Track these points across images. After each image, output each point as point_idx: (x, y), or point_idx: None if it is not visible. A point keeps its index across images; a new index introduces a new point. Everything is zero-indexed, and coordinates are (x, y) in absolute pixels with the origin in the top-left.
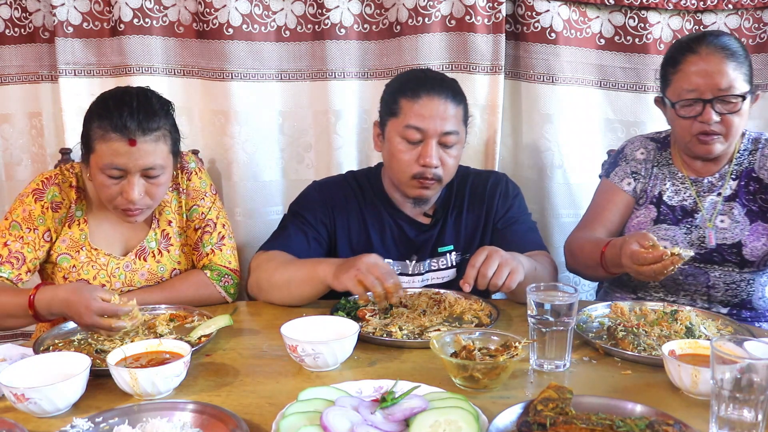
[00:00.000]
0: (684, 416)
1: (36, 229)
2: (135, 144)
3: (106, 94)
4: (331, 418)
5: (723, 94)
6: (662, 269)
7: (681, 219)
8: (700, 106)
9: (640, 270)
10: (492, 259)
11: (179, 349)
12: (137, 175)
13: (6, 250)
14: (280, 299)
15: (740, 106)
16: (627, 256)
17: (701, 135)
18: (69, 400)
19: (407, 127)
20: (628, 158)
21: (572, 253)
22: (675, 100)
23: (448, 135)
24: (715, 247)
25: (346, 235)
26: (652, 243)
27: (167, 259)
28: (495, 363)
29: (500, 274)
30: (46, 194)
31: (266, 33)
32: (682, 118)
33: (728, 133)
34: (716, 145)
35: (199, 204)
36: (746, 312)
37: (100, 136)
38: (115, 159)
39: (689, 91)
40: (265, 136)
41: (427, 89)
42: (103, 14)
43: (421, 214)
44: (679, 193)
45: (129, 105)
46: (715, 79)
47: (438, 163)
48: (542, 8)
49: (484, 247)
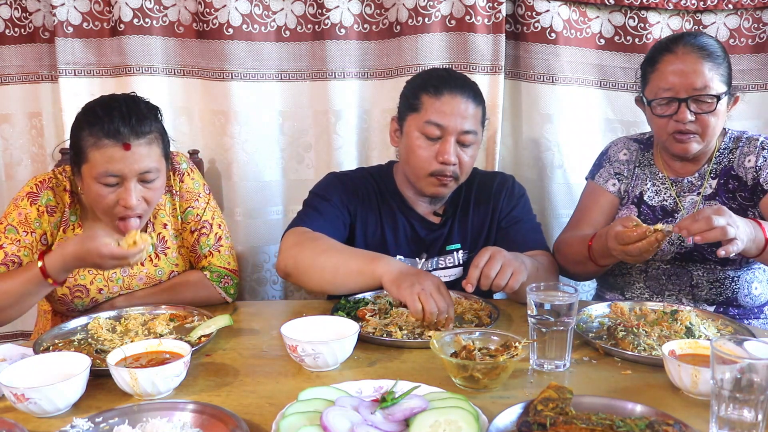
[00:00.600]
0: (684, 416)
1: (33, 232)
2: (129, 148)
3: (91, 103)
4: (331, 418)
5: (698, 93)
6: (647, 246)
7: (661, 219)
8: (675, 105)
9: (627, 249)
10: (495, 259)
11: (179, 349)
12: (134, 181)
13: (2, 253)
14: (319, 284)
15: (716, 106)
16: (612, 238)
17: (677, 134)
18: (69, 400)
19: (428, 122)
20: (612, 159)
21: (561, 252)
22: (651, 98)
23: (467, 134)
24: (693, 246)
25: (363, 227)
26: (635, 223)
27: (165, 263)
28: (495, 363)
29: (503, 274)
30: (40, 198)
31: (266, 33)
32: (658, 117)
33: (704, 132)
34: (692, 144)
35: (194, 206)
36: (733, 309)
37: (93, 143)
38: (110, 166)
39: (665, 89)
40: (265, 136)
41: (450, 87)
42: (103, 14)
43: (431, 213)
44: (659, 194)
45: (118, 110)
46: (690, 79)
47: (456, 161)
48: (542, 8)
49: (487, 247)
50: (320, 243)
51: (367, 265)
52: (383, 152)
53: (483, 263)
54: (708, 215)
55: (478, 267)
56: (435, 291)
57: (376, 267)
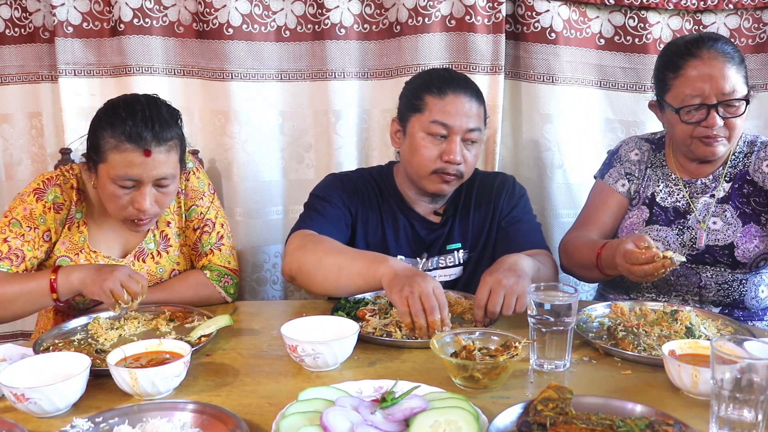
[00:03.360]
0: (684, 416)
1: (36, 228)
2: (150, 155)
3: (114, 101)
4: (331, 418)
5: (727, 98)
6: (653, 270)
7: (673, 220)
8: (704, 111)
9: (632, 269)
10: (497, 294)
11: (179, 349)
12: (149, 185)
13: (6, 246)
14: (323, 286)
15: (743, 109)
16: (621, 255)
17: (704, 138)
18: (69, 400)
19: (433, 122)
20: (623, 159)
21: (568, 253)
22: (678, 105)
23: (472, 132)
24: (704, 249)
25: (364, 227)
26: (647, 244)
27: (166, 260)
28: (495, 363)
29: (507, 305)
30: (47, 194)
31: (266, 33)
32: (685, 123)
33: (731, 135)
34: (719, 147)
35: (198, 204)
36: (738, 311)
37: (114, 146)
38: (129, 170)
39: (693, 96)
40: (265, 136)
41: (453, 87)
42: (103, 14)
43: (432, 212)
44: (672, 195)
45: (142, 113)
46: (719, 84)
47: (461, 160)
48: (542, 8)
49: (485, 279)
50: (323, 245)
51: (368, 268)
52: (383, 152)
53: (484, 301)
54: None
55: (481, 307)
56: (425, 295)
57: (377, 269)
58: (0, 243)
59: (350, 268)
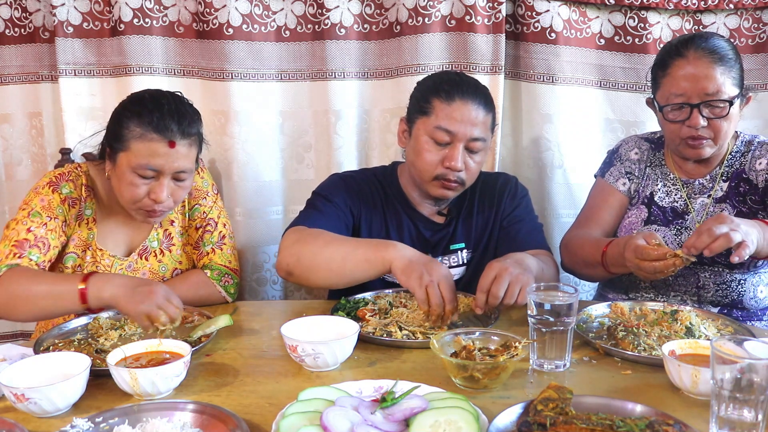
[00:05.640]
0: (684, 416)
1: (56, 218)
2: (174, 146)
3: (139, 94)
4: (331, 418)
5: (710, 99)
6: (663, 268)
7: (671, 220)
8: (687, 110)
9: (641, 265)
10: (502, 279)
11: (179, 349)
12: (169, 177)
13: (31, 236)
14: (326, 277)
15: (728, 110)
16: (631, 249)
17: (689, 139)
18: (69, 400)
19: (437, 128)
20: (623, 158)
21: (570, 251)
22: (663, 103)
23: (476, 141)
24: None
25: (368, 228)
26: (658, 242)
27: (169, 259)
28: (495, 363)
29: (511, 292)
30: (61, 187)
31: (266, 33)
32: (670, 122)
33: (717, 137)
34: (705, 149)
35: (201, 203)
36: (737, 312)
37: (140, 135)
38: (152, 160)
39: (677, 95)
40: (265, 136)
41: (462, 93)
42: (103, 14)
43: (436, 213)
44: (670, 195)
45: (168, 107)
46: (701, 84)
47: (463, 167)
48: (542, 8)
49: (491, 265)
50: (322, 237)
51: (375, 253)
52: (383, 152)
53: (488, 284)
54: (708, 227)
55: (484, 291)
56: (443, 282)
57: (385, 253)
58: (24, 233)
59: (355, 254)
